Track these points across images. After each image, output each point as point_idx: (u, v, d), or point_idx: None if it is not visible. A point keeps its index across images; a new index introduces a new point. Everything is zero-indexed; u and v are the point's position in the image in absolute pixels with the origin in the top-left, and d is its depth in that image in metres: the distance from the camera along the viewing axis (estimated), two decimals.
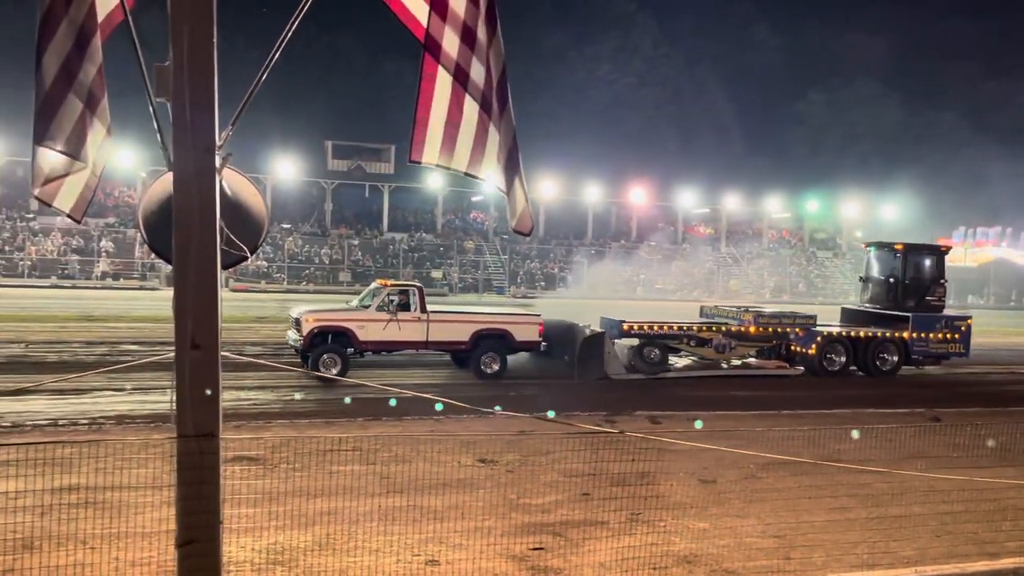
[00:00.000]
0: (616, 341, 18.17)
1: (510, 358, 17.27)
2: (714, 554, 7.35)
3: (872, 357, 19.67)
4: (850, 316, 22.11)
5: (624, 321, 18.39)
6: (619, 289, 46.28)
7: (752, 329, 19.24)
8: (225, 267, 3.15)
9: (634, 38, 74.72)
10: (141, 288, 39.43)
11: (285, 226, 48.82)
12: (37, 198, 3.57)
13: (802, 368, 19.40)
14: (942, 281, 21.25)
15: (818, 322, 20.10)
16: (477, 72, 3.68)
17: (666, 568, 6.96)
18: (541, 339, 17.33)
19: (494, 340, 16.93)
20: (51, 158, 3.38)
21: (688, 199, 57.87)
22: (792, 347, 19.67)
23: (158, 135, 3.12)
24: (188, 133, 2.88)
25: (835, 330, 19.96)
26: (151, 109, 3.07)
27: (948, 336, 20.17)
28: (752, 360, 19.65)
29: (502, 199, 3.92)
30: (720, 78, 72.95)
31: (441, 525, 7.72)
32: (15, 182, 47.15)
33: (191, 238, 2.89)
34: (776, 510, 8.55)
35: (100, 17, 3.42)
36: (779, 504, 8.72)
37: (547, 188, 51.03)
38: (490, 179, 3.85)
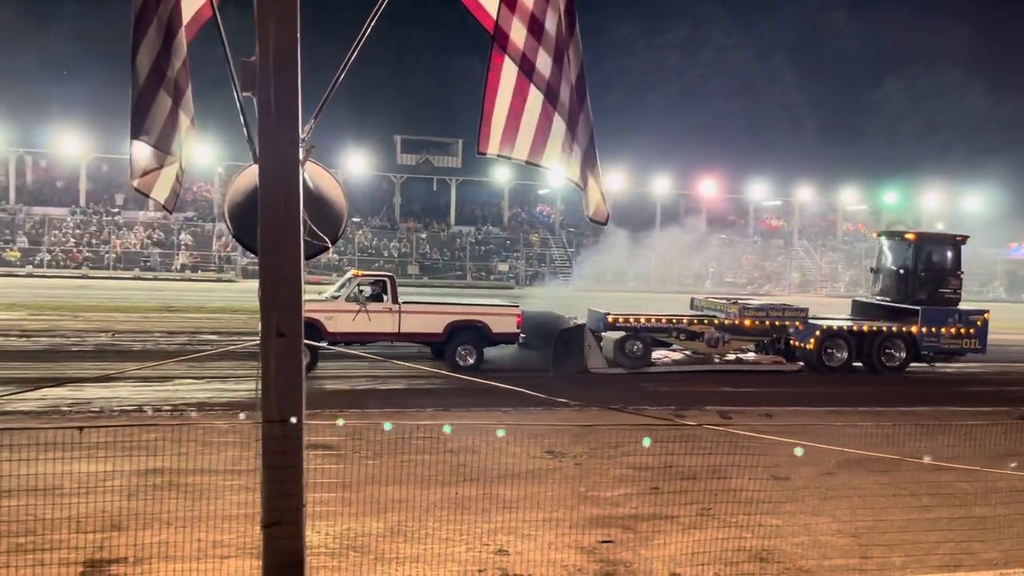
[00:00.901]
0: (604, 335, 17.50)
1: (495, 352, 16.72)
2: (788, 551, 7.22)
3: (877, 353, 18.59)
4: (860, 309, 20.81)
5: (609, 313, 17.64)
6: (687, 282, 45.65)
7: (747, 322, 18.17)
8: (307, 257, 3.24)
9: (705, 27, 73.52)
10: (219, 280, 40.68)
11: (355, 220, 49.70)
12: (137, 189, 3.73)
13: (800, 364, 18.43)
14: (958, 273, 19.70)
15: (838, 315, 19.42)
16: (543, 63, 3.70)
17: (738, 564, 6.86)
18: (519, 331, 16.72)
19: (469, 332, 16.27)
20: (146, 151, 3.52)
21: (759, 191, 56.69)
22: (791, 341, 18.66)
23: (244, 129, 3.22)
24: (273, 126, 2.96)
25: (835, 324, 18.88)
26: (237, 103, 3.17)
27: (962, 331, 18.90)
28: (751, 355, 18.81)
29: (568, 192, 3.92)
30: (793, 66, 71.19)
31: (511, 515, 7.77)
32: (101, 178, 49.19)
33: (276, 229, 2.98)
34: (853, 508, 8.34)
35: (187, 14, 3.55)
36: (856, 502, 8.51)
37: (615, 180, 50.62)
38: (552, 168, 3.86)
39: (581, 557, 6.98)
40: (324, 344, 14.33)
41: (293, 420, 2.95)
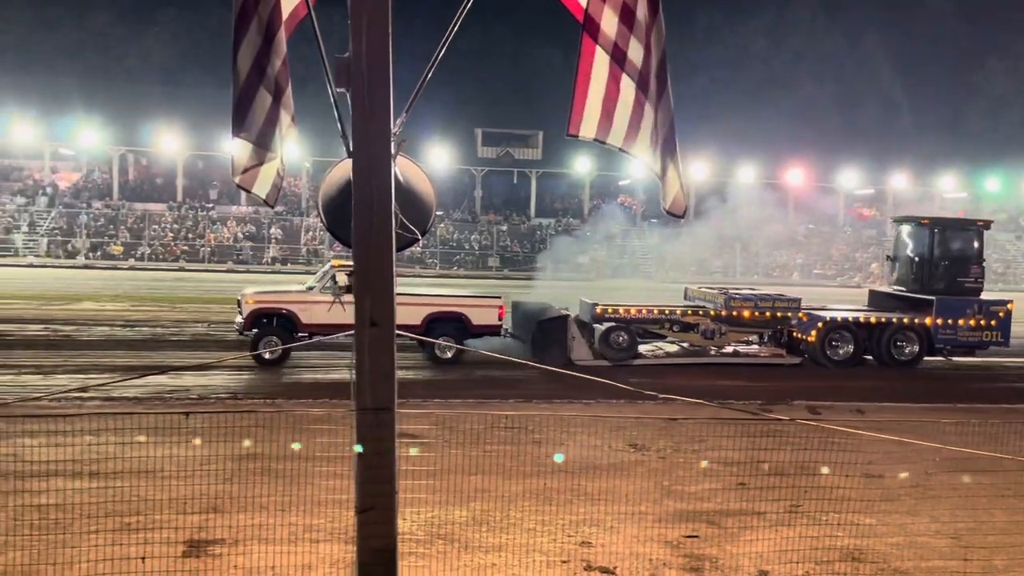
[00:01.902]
0: (596, 326, 16.89)
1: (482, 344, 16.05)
2: (882, 551, 6.98)
3: (886, 345, 17.54)
4: (876, 299, 19.80)
5: (597, 304, 17.14)
6: (773, 274, 44.54)
7: (746, 313, 17.39)
8: (398, 250, 3.30)
9: (792, 12, 71.31)
10: (307, 272, 41.85)
11: (437, 213, 50.33)
12: (239, 185, 3.85)
13: (800, 358, 17.56)
14: (980, 261, 18.45)
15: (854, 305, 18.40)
16: (635, 52, 3.66)
17: (830, 563, 6.68)
18: (501, 323, 16.25)
19: (449, 324, 15.79)
20: (246, 148, 3.64)
21: (850, 179, 54.74)
22: (794, 333, 17.77)
23: (338, 124, 3.30)
24: (366, 121, 3.03)
25: (839, 315, 17.80)
26: (332, 99, 3.26)
27: (982, 323, 17.67)
28: (753, 347, 17.97)
29: (650, 183, 3.88)
30: (886, 49, 68.33)
31: (594, 508, 7.77)
32: (196, 174, 51.23)
33: (369, 222, 3.05)
34: (952, 508, 8.00)
35: (285, 13, 3.66)
36: (956, 502, 8.16)
37: (698, 170, 49.77)
38: (642, 158, 3.82)
39: (666, 551, 6.91)
40: (420, 336, 14.59)
41: (386, 409, 3.02)
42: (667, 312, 17.36)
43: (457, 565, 6.58)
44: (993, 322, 17.73)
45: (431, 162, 48.90)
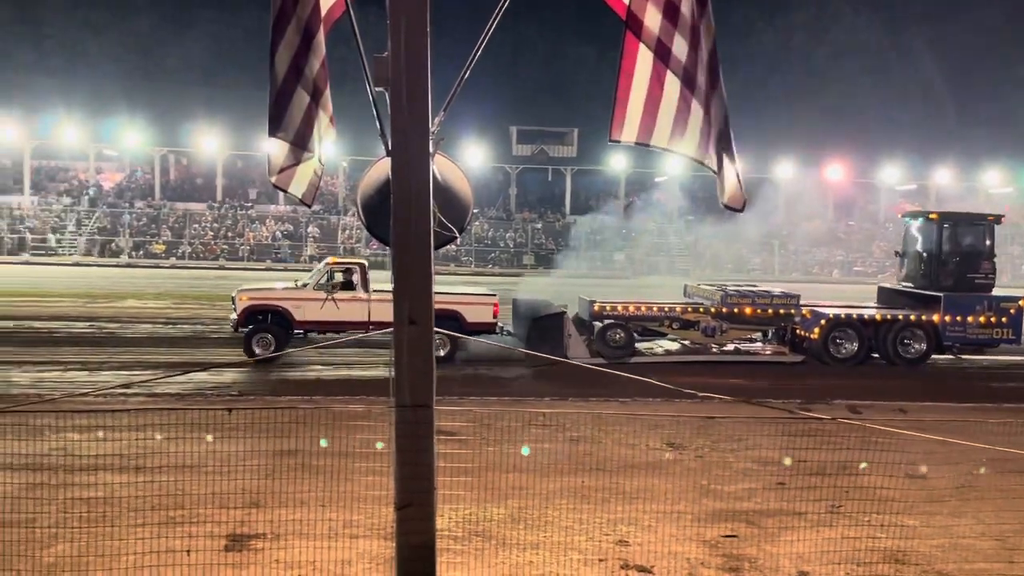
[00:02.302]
0: (596, 324, 16.65)
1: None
2: (925, 553, 6.86)
3: (892, 343, 17.05)
4: (885, 296, 19.29)
5: (595, 301, 16.83)
6: (812, 271, 43.92)
7: (747, 310, 17.03)
8: (436, 248, 3.32)
9: (831, 4, 70.15)
10: None
11: (472, 210, 50.44)
12: (275, 185, 3.89)
13: (802, 356, 17.18)
14: (991, 256, 17.87)
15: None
16: (679, 47, 3.63)
17: (872, 564, 6.58)
18: (497, 320, 16.10)
19: (444, 322, 15.54)
20: (283, 148, 3.67)
21: (892, 174, 53.72)
22: (797, 331, 17.33)
23: (377, 122, 3.32)
24: (405, 120, 3.05)
25: (842, 312, 17.33)
26: (371, 98, 3.28)
27: (992, 320, 17.10)
28: (756, 345, 17.57)
29: (687, 180, 3.84)
30: (928, 41, 66.90)
31: (631, 507, 7.73)
32: (235, 174, 51.98)
33: (408, 220, 3.07)
34: (998, 510, 7.83)
35: (323, 13, 3.69)
36: (1001, 503, 7.98)
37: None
38: (690, 156, 3.78)
39: (704, 551, 6.86)
40: (461, 335, 14.60)
41: (425, 405, 3.04)
42: (667, 309, 17.09)
43: (494, 563, 6.60)
44: (1004, 319, 17.17)
45: (466, 160, 49.04)
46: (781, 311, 17.13)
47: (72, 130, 46.45)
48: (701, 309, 17.10)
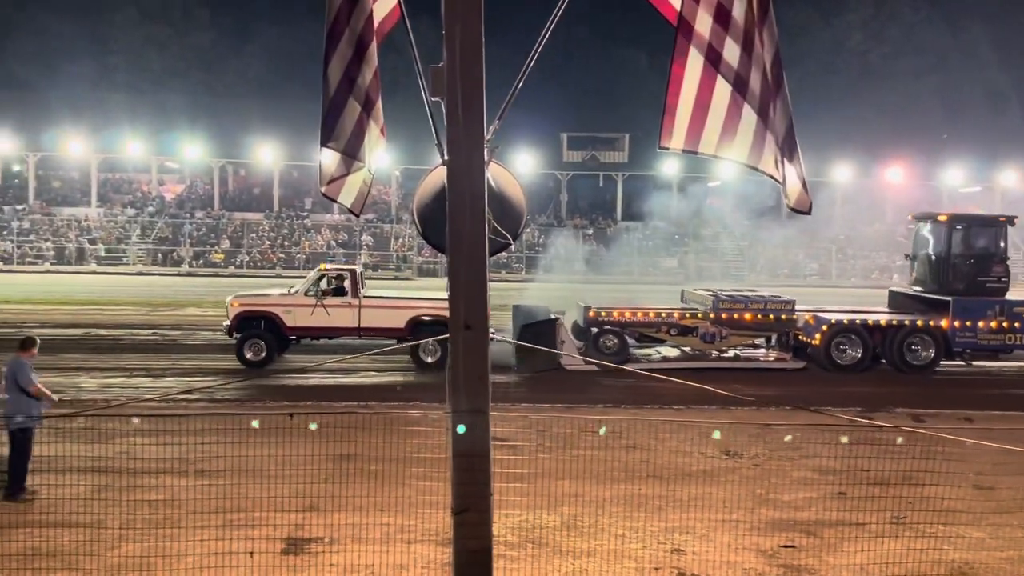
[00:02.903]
0: (593, 330, 16.32)
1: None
2: (992, 567, 6.64)
3: (899, 349, 16.37)
4: (896, 300, 18.62)
5: (590, 307, 16.45)
6: (872, 276, 42.92)
7: (747, 316, 16.47)
8: (491, 254, 3.35)
9: (889, 3, 68.55)
10: (396, 278, 42.69)
11: (526, 217, 50.48)
12: (324, 195, 3.97)
13: (804, 362, 16.60)
14: (1004, 259, 17.06)
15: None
16: (731, 52, 3.60)
17: None
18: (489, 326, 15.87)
19: (433, 327, 15.35)
20: (334, 158, 3.75)
21: (955, 176, 52.17)
22: (800, 337, 16.74)
23: (433, 131, 3.37)
24: (460, 129, 3.09)
25: (845, 317, 16.76)
26: (427, 108, 3.33)
27: (1005, 325, 16.28)
28: (758, 351, 17.07)
29: (741, 185, 3.80)
30: (991, 38, 64.89)
31: (686, 515, 7.65)
32: (291, 184, 53.00)
33: (463, 227, 3.11)
34: None
35: (376, 24, 3.75)
36: None
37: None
38: (741, 161, 3.74)
39: (761, 561, 6.76)
40: (504, 339, 14.56)
41: (481, 411, 3.06)
42: (664, 315, 16.67)
43: (548, 570, 6.60)
44: (1017, 324, 16.41)
45: (516, 167, 49.16)
46: (783, 316, 16.70)
47: (136, 143, 47.95)
48: (699, 315, 16.71)
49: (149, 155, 49.83)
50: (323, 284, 15.70)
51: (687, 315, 16.73)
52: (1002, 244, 17.25)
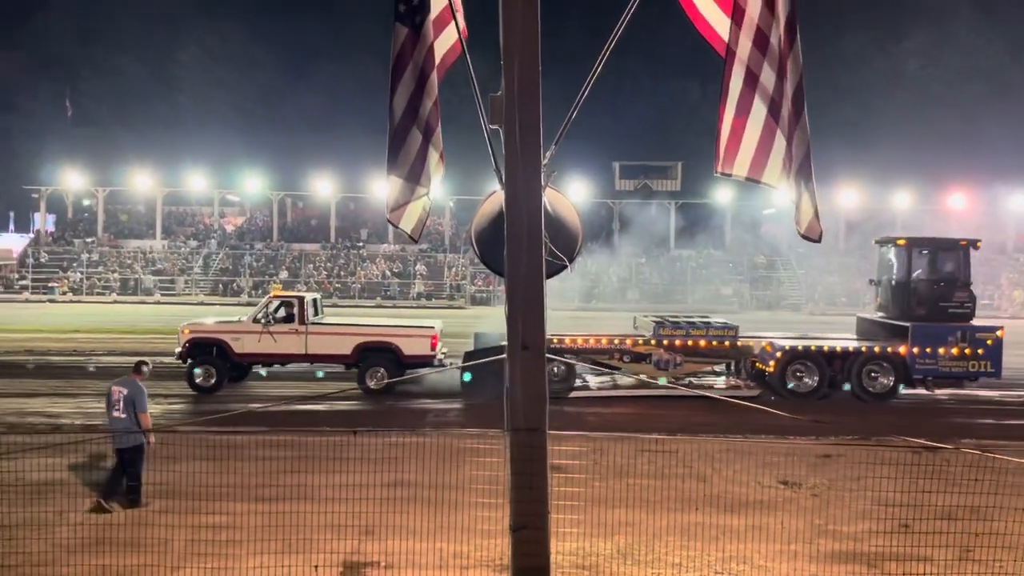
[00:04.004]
0: (551, 357, 15.86)
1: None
2: None
3: (857, 376, 15.94)
4: (862, 327, 18.11)
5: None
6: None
7: (703, 343, 16.09)
8: (548, 276, 3.42)
9: (948, 28, 67.35)
10: (449, 307, 43.03)
11: (582, 240, 50.49)
12: (389, 221, 4.11)
13: (758, 390, 16.12)
14: (967, 284, 16.48)
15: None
16: (767, 76, 3.66)
17: None
18: (434, 353, 15.82)
19: (380, 354, 15.73)
20: (399, 185, 3.89)
21: (1021, 203, 50.64)
22: (756, 364, 16.26)
23: (491, 158, 3.48)
24: (518, 155, 3.19)
25: (800, 343, 16.38)
26: (485, 135, 3.44)
27: (967, 352, 15.79)
28: (712, 378, 16.60)
29: (796, 212, 3.82)
30: None
31: (743, 545, 7.53)
32: (347, 215, 54.07)
33: (521, 250, 3.19)
34: None
35: (437, 58, 3.92)
36: None
37: (848, 197, 47.66)
38: (771, 185, 3.78)
39: None
40: (572, 360, 14.57)
41: (538, 429, 3.11)
42: (616, 342, 16.38)
43: None
44: (980, 351, 15.88)
45: (568, 196, 49.26)
46: (739, 343, 16.39)
47: (199, 178, 49.60)
48: (653, 342, 16.37)
49: (211, 189, 51.46)
50: (271, 311, 15.93)
51: (639, 342, 16.44)
52: (964, 269, 16.70)
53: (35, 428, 12.48)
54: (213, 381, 15.65)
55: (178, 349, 16.11)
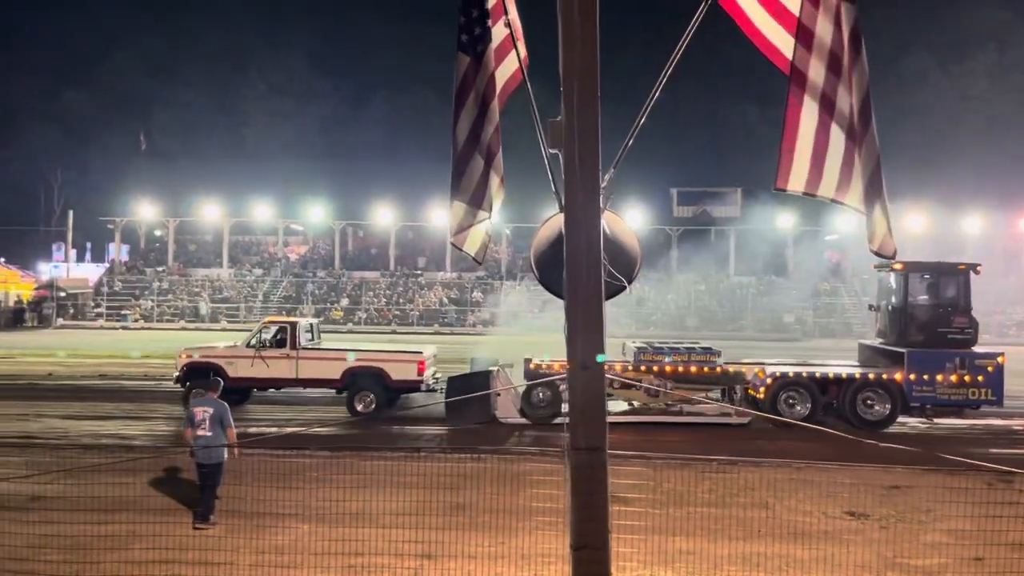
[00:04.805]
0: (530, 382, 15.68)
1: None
2: None
3: (851, 403, 15.36)
4: (864, 354, 17.47)
5: (531, 359, 15.95)
6: (1008, 331, 40.22)
7: (693, 369, 15.60)
8: (607, 297, 3.47)
9: (1015, 48, 65.52)
10: (505, 334, 43.14)
11: (641, 262, 50.20)
12: (453, 244, 4.23)
13: (748, 418, 15.51)
14: (966, 310, 15.79)
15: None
16: (843, 100, 3.66)
17: None
18: (422, 378, 15.86)
19: (368, 378, 15.89)
20: (462, 209, 4.00)
21: None
22: (748, 390, 15.72)
23: (551, 181, 3.56)
24: (577, 178, 3.26)
25: (791, 369, 15.92)
26: (545, 159, 3.53)
27: (967, 379, 15.07)
28: (703, 405, 15.90)
29: (859, 237, 3.78)
30: None
31: None
32: (407, 244, 54.89)
33: (580, 271, 3.25)
34: None
35: (499, 85, 4.03)
36: None
37: (914, 221, 46.48)
38: (855, 207, 3.75)
39: None
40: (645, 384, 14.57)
41: (599, 448, 3.14)
42: (606, 368, 15.94)
43: None
44: (980, 378, 15.18)
45: (625, 223, 49.13)
46: (731, 369, 16.03)
47: (264, 208, 51.07)
48: (643, 368, 15.94)
49: (276, 219, 52.86)
50: (263, 336, 16.32)
51: (630, 368, 16.06)
52: (963, 294, 16.06)
53: (109, 449, 12.93)
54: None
55: (176, 373, 16.60)
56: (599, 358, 3.34)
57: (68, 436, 14.30)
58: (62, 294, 47.69)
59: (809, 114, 3.64)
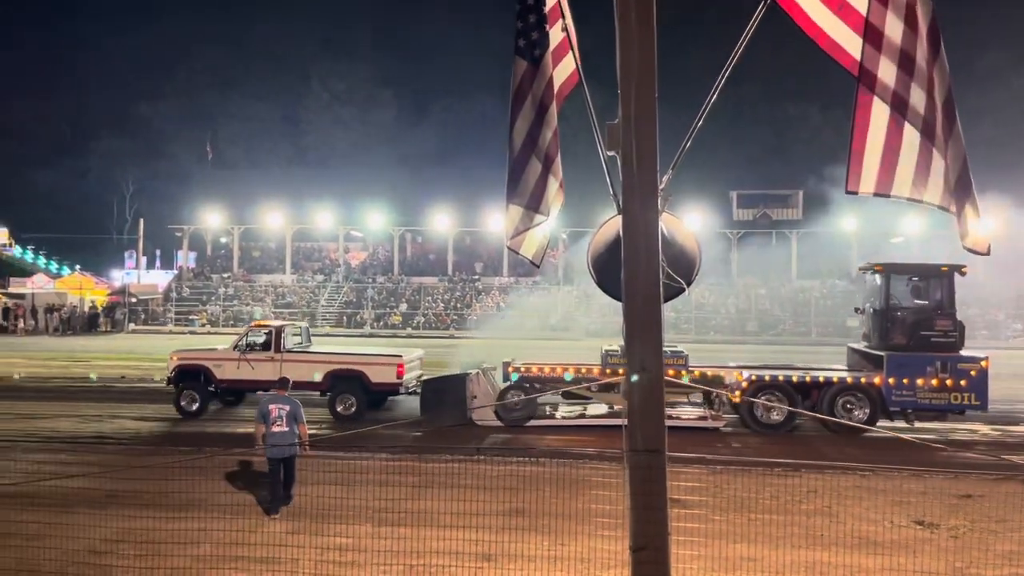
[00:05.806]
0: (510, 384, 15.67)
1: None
2: None
3: (830, 407, 15.02)
4: (852, 358, 17.03)
5: (510, 362, 15.82)
6: None
7: (671, 372, 14.98)
8: (666, 300, 3.47)
9: None
10: (557, 339, 43.08)
11: (700, 265, 49.59)
12: (509, 247, 4.28)
13: (724, 421, 15.46)
14: (950, 312, 15.24)
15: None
16: (917, 98, 3.57)
17: None
18: (401, 381, 15.92)
19: (349, 381, 16.12)
20: (519, 213, 4.04)
21: None
22: (728, 395, 15.27)
23: (609, 184, 3.57)
24: (635, 180, 3.26)
25: (767, 373, 15.74)
26: (603, 162, 3.55)
27: (948, 383, 14.67)
28: (680, 408, 15.65)
29: (929, 237, 3.68)
30: None
31: None
32: (464, 250, 55.28)
33: (638, 273, 3.25)
34: None
35: (556, 88, 4.06)
36: None
37: (987, 224, 44.77)
38: (935, 204, 3.67)
39: None
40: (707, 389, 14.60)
41: (657, 450, 3.14)
42: (583, 372, 15.95)
43: None
44: (963, 382, 14.73)
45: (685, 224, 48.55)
46: (710, 372, 15.79)
47: (325, 215, 52.04)
48: (621, 372, 15.53)
49: (337, 225, 53.76)
50: (249, 339, 16.75)
51: (607, 371, 15.91)
52: (946, 296, 15.50)
53: (180, 450, 13.33)
54: (196, 406, 16.60)
55: (168, 375, 17.09)
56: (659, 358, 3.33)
57: (140, 437, 14.83)
58: (133, 300, 49.42)
59: (880, 114, 3.58)
